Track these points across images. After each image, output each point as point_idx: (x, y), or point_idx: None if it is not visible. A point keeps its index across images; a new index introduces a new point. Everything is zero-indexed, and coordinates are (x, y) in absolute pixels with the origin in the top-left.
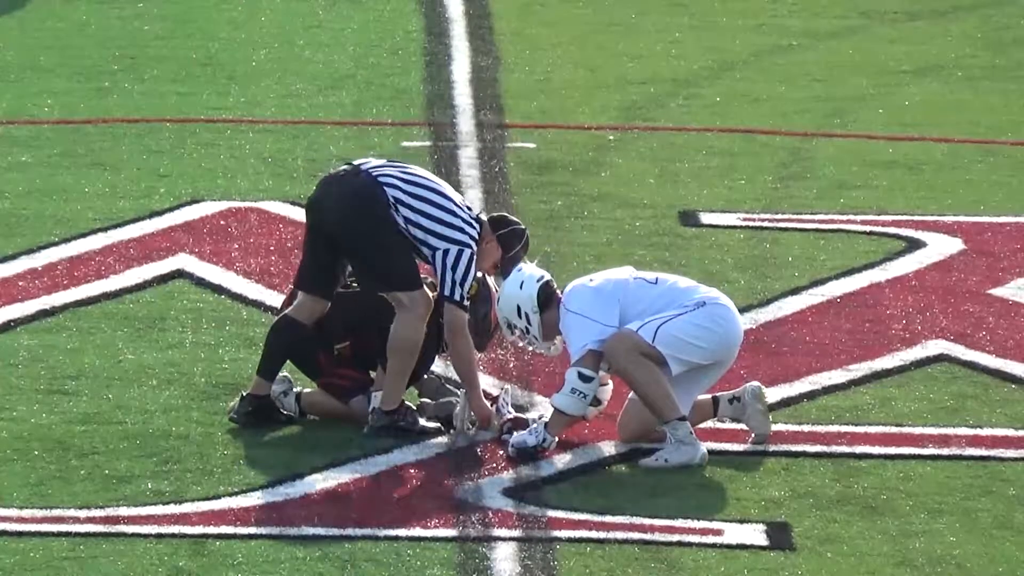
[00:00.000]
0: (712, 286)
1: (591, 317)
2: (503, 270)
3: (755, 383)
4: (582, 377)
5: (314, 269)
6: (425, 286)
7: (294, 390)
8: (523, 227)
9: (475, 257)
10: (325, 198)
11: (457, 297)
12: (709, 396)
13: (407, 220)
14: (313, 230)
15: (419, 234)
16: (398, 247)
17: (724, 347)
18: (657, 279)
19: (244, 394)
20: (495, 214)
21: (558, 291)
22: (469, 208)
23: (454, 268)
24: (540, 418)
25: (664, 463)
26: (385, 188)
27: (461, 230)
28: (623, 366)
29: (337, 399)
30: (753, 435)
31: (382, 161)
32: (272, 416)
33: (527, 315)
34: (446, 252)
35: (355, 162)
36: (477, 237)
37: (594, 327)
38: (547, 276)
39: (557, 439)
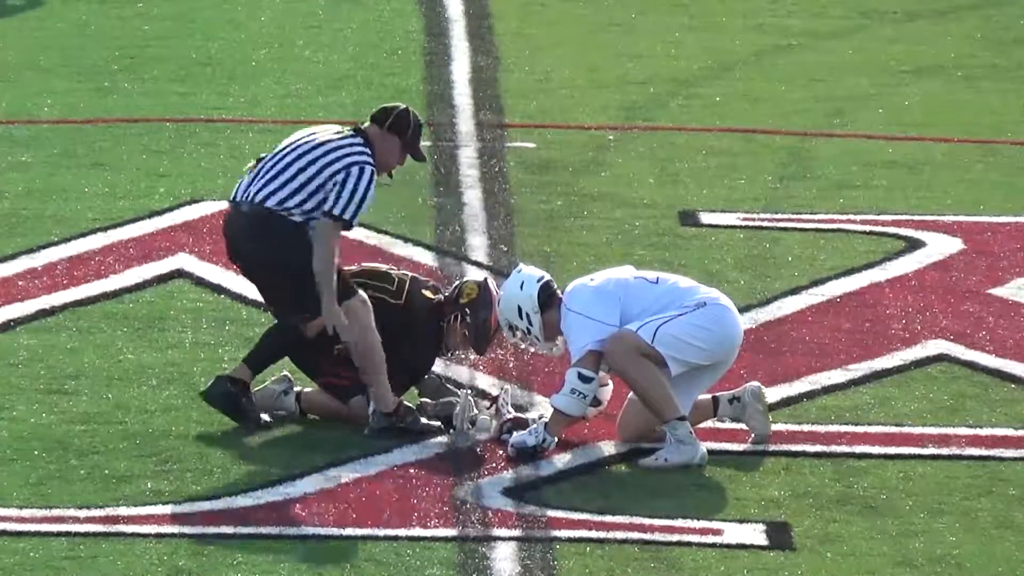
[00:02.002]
0: (712, 286)
1: (592, 317)
2: (411, 152)
3: (755, 383)
4: (582, 378)
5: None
6: (428, 290)
7: (294, 389)
8: (405, 106)
9: (369, 172)
10: (232, 244)
11: (337, 211)
12: (709, 396)
13: (297, 204)
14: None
15: (316, 192)
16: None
17: (724, 348)
18: (658, 279)
19: (219, 375)
20: (374, 111)
21: (558, 291)
22: (341, 130)
23: (343, 184)
24: (540, 418)
25: (664, 463)
26: (266, 204)
27: (346, 155)
28: (622, 366)
29: (337, 399)
30: (753, 435)
31: (248, 177)
32: (239, 407)
33: (528, 315)
34: (343, 177)
35: (233, 197)
36: (366, 150)
37: (595, 326)
38: (547, 276)
39: (557, 439)
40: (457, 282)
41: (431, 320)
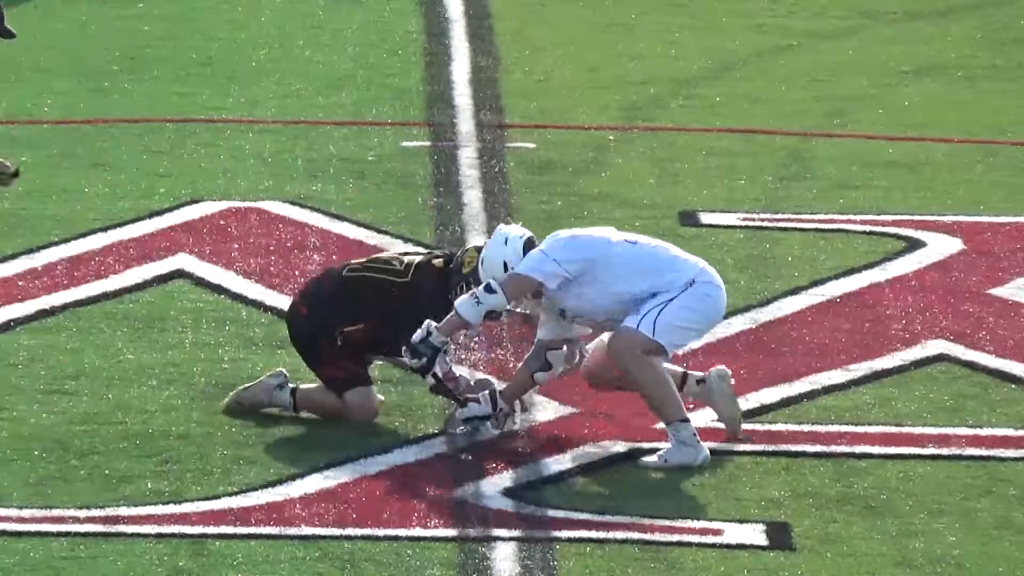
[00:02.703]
0: None
1: (551, 256)
2: None
3: (721, 366)
4: (488, 288)
5: None
6: (435, 259)
7: (289, 385)
8: None
9: None
10: None
11: None
12: (680, 369)
13: None
14: None
15: None
16: None
17: (712, 322)
18: (636, 241)
19: None
20: None
21: None
22: None
23: None
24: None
25: (664, 463)
26: None
27: None
28: (626, 365)
29: (333, 392)
30: (723, 420)
31: None
32: None
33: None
34: None
35: None
36: None
37: (547, 263)
38: (530, 233)
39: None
40: (458, 253)
41: (439, 290)
